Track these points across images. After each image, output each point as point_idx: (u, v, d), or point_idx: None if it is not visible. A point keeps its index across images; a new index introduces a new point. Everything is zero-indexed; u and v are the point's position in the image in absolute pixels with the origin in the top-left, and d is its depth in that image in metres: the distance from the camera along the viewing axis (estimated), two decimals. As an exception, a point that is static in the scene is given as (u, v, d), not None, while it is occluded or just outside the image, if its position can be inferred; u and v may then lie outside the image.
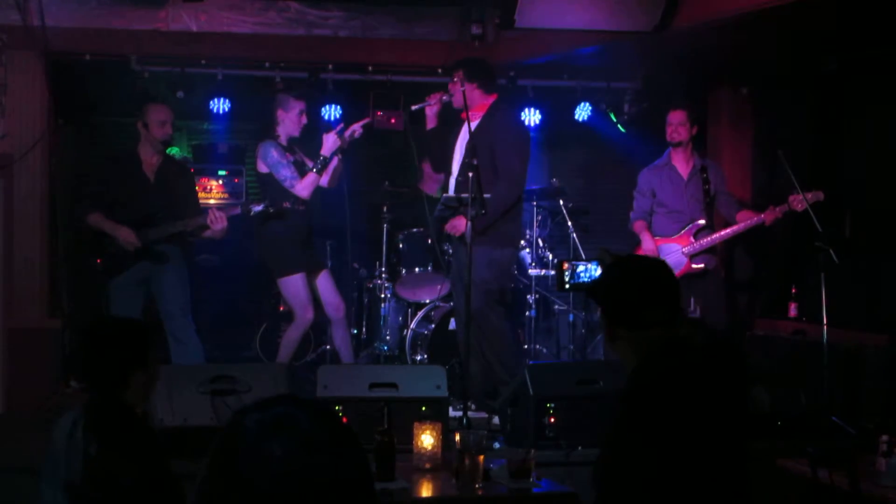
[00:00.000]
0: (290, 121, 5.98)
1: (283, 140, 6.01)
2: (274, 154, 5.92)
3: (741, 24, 5.58)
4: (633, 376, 2.61)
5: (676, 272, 5.92)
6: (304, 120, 6.02)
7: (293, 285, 6.00)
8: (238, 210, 5.77)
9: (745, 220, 5.99)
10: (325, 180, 6.06)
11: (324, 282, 6.13)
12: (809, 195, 5.65)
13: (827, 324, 5.39)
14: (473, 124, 5.68)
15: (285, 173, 5.93)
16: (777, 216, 5.84)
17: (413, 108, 5.89)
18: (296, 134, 6.02)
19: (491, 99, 5.77)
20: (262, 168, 6.01)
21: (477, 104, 5.68)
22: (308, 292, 6.04)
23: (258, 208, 5.72)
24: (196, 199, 6.12)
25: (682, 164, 6.19)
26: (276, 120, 6.03)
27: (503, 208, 5.63)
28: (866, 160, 6.45)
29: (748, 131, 7.25)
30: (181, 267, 5.84)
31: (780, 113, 7.08)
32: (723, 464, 2.55)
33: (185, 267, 5.90)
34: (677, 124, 6.13)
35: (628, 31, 5.85)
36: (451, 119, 5.96)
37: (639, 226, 6.25)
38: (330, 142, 5.93)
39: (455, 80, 5.68)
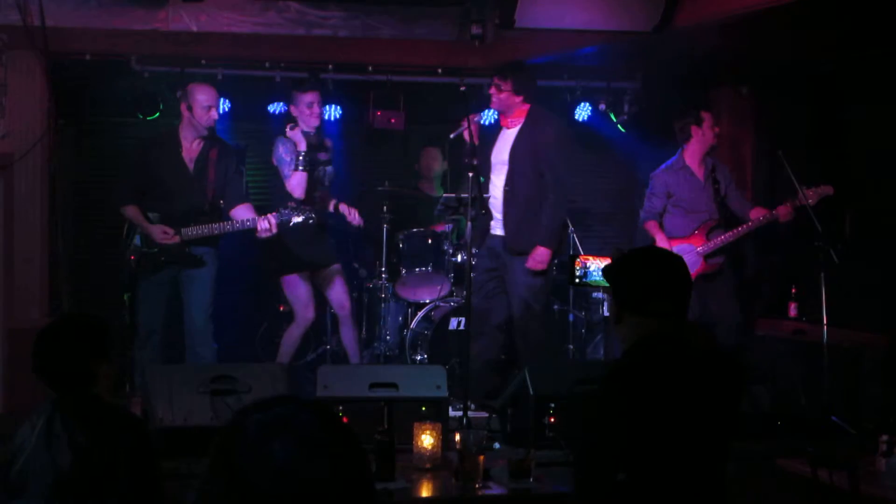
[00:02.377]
0: (301, 114, 6.01)
1: (311, 138, 6.04)
2: (279, 150, 5.98)
3: (741, 24, 5.58)
4: (623, 356, 2.70)
5: (692, 272, 5.96)
6: (316, 110, 6.00)
7: (293, 284, 6.01)
8: (279, 217, 5.61)
9: (758, 217, 5.99)
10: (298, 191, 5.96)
11: (330, 279, 6.11)
12: (820, 189, 5.68)
13: (827, 324, 5.39)
14: (513, 130, 5.74)
15: (285, 172, 5.95)
16: (790, 211, 5.82)
17: (451, 136, 5.77)
18: (313, 124, 6.02)
19: (528, 106, 5.77)
20: (275, 163, 6.06)
21: (515, 111, 5.72)
22: (309, 292, 6.03)
23: (297, 220, 5.59)
24: (238, 187, 5.89)
25: (696, 164, 6.21)
26: (294, 119, 6.09)
27: (560, 220, 5.76)
28: (866, 160, 6.45)
29: (748, 131, 7.25)
30: (211, 270, 5.73)
31: (780, 113, 7.08)
32: (694, 459, 2.59)
33: (215, 269, 5.77)
34: (709, 125, 6.17)
35: (628, 31, 5.85)
36: (486, 130, 5.99)
37: (651, 225, 6.25)
38: (299, 136, 5.95)
39: (503, 90, 5.66)
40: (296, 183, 5.93)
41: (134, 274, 5.69)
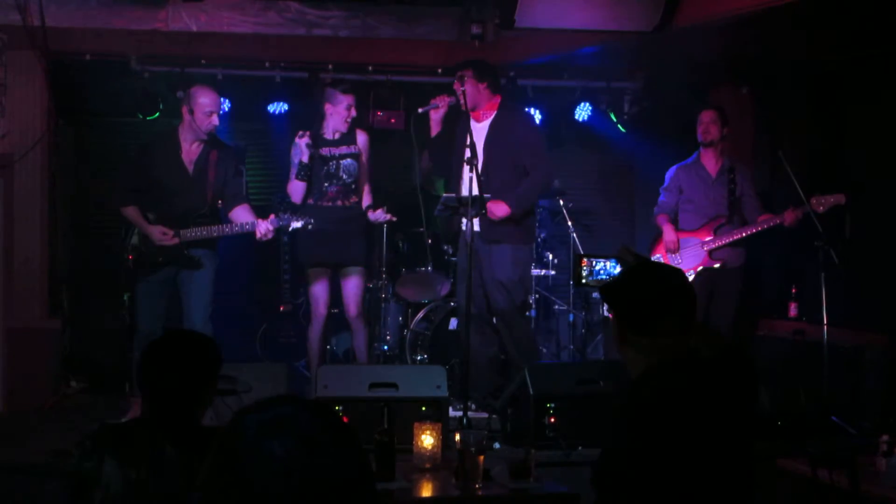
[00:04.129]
0: (337, 115, 5.91)
1: (328, 134, 5.96)
2: (292, 152, 5.92)
3: (741, 23, 5.58)
4: (634, 387, 2.58)
5: (695, 265, 6.02)
6: (353, 113, 5.94)
7: (313, 279, 6.00)
8: (277, 222, 5.60)
9: (764, 220, 6.01)
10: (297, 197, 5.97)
11: (346, 281, 6.06)
12: (832, 198, 5.67)
13: (827, 324, 5.39)
14: (485, 124, 5.71)
15: (292, 173, 5.94)
16: (797, 217, 5.81)
17: (420, 110, 5.82)
18: (343, 129, 5.94)
19: (497, 99, 5.78)
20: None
21: (485, 104, 5.72)
22: (325, 289, 5.98)
23: (296, 225, 5.59)
24: (238, 188, 5.89)
25: (710, 163, 6.24)
26: (323, 114, 5.99)
27: (536, 193, 5.72)
28: (866, 160, 6.45)
29: (748, 131, 7.25)
30: (210, 271, 5.69)
31: (780, 113, 7.08)
32: (721, 480, 2.54)
33: (214, 270, 5.73)
34: (708, 123, 6.18)
35: (628, 31, 5.85)
36: (456, 121, 5.94)
37: (661, 219, 6.29)
38: (303, 147, 5.89)
39: (465, 79, 5.64)
40: (292, 189, 5.93)
41: (132, 274, 5.68)
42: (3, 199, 6.12)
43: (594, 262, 4.19)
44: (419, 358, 6.47)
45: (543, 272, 6.94)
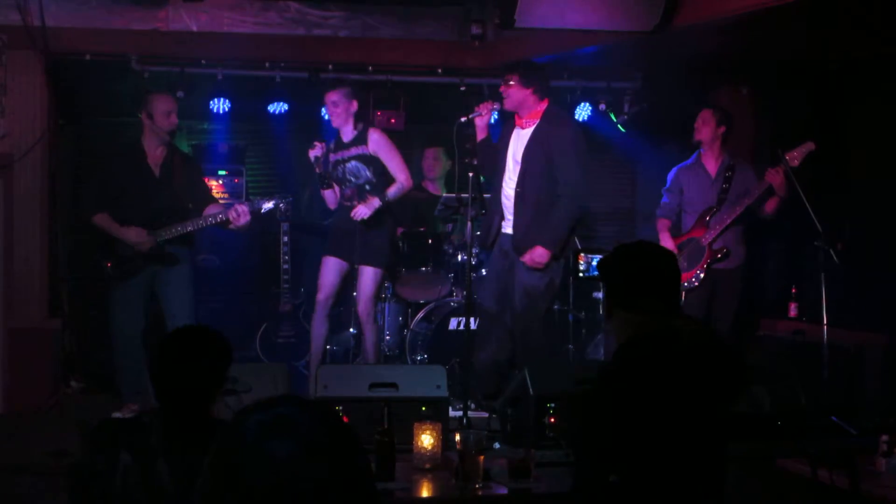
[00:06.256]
0: (333, 115, 5.99)
1: (344, 137, 6.04)
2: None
3: (741, 23, 5.58)
4: (613, 356, 2.75)
5: (701, 261, 5.97)
6: (339, 109, 5.94)
7: (323, 266, 6.09)
8: (256, 205, 5.78)
9: (754, 192, 5.93)
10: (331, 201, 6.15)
11: (358, 279, 6.08)
12: (802, 148, 5.68)
13: (827, 324, 5.39)
14: (528, 131, 5.59)
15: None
16: (781, 175, 5.79)
17: (462, 119, 5.62)
18: (342, 125, 5.98)
19: (544, 105, 5.61)
20: None
21: (531, 110, 5.58)
22: (332, 278, 6.04)
23: (268, 206, 5.76)
24: (206, 189, 6.01)
25: (710, 163, 6.21)
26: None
27: (569, 225, 5.54)
28: (867, 160, 6.45)
29: (748, 131, 7.25)
30: (187, 268, 5.76)
31: (780, 113, 7.08)
32: (686, 458, 2.61)
33: (191, 267, 5.82)
34: (700, 123, 6.17)
35: (628, 31, 5.85)
36: (501, 126, 5.87)
37: (661, 224, 6.26)
38: (311, 159, 5.99)
39: (511, 84, 5.55)
40: (325, 198, 6.17)
41: (110, 281, 5.67)
42: (3, 199, 6.12)
43: (591, 258, 4.22)
44: (419, 358, 6.47)
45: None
